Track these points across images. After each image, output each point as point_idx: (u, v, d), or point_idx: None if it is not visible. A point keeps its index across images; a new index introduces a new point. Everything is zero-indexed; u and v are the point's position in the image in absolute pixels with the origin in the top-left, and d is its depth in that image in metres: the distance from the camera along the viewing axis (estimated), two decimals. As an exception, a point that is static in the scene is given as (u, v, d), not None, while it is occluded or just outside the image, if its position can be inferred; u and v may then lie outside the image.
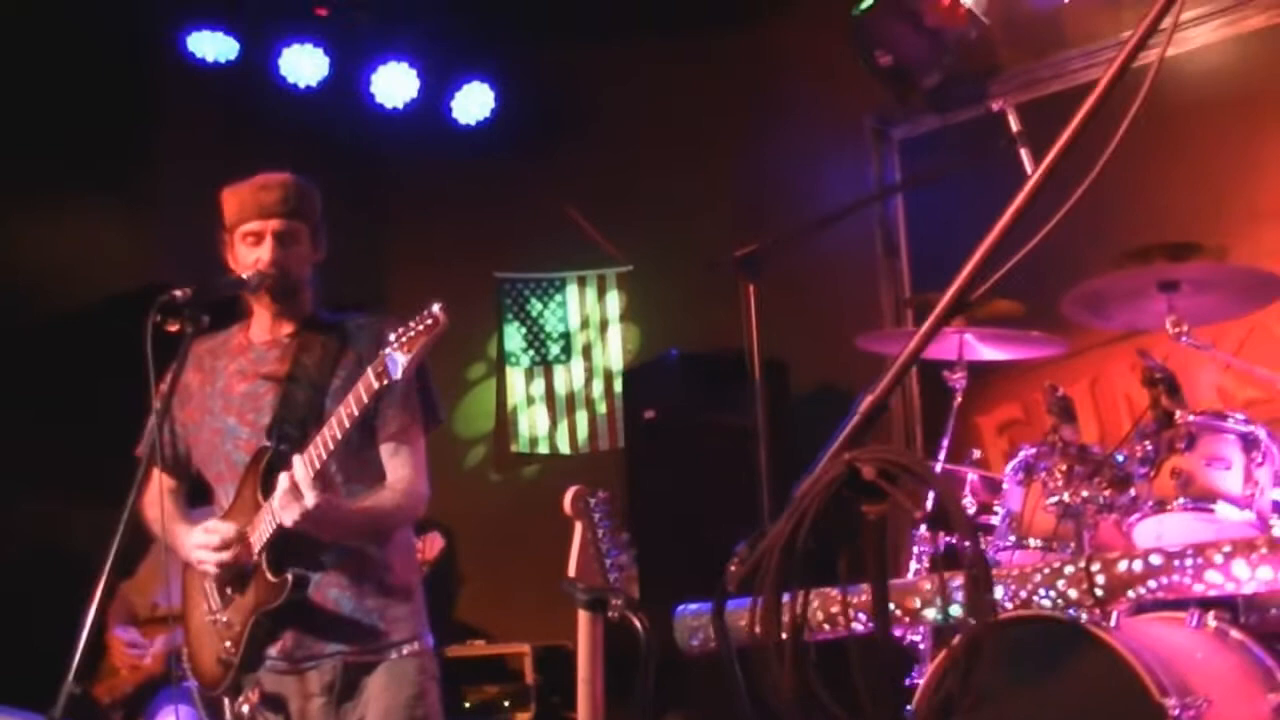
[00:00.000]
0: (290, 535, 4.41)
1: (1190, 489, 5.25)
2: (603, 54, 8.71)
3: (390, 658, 4.59)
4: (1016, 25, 7.84)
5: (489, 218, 9.14)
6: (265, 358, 4.75)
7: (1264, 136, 7.18)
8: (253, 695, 4.47)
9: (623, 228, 9.10)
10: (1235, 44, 7.30)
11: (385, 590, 4.63)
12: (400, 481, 4.64)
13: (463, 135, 9.01)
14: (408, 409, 4.65)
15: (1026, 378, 7.13)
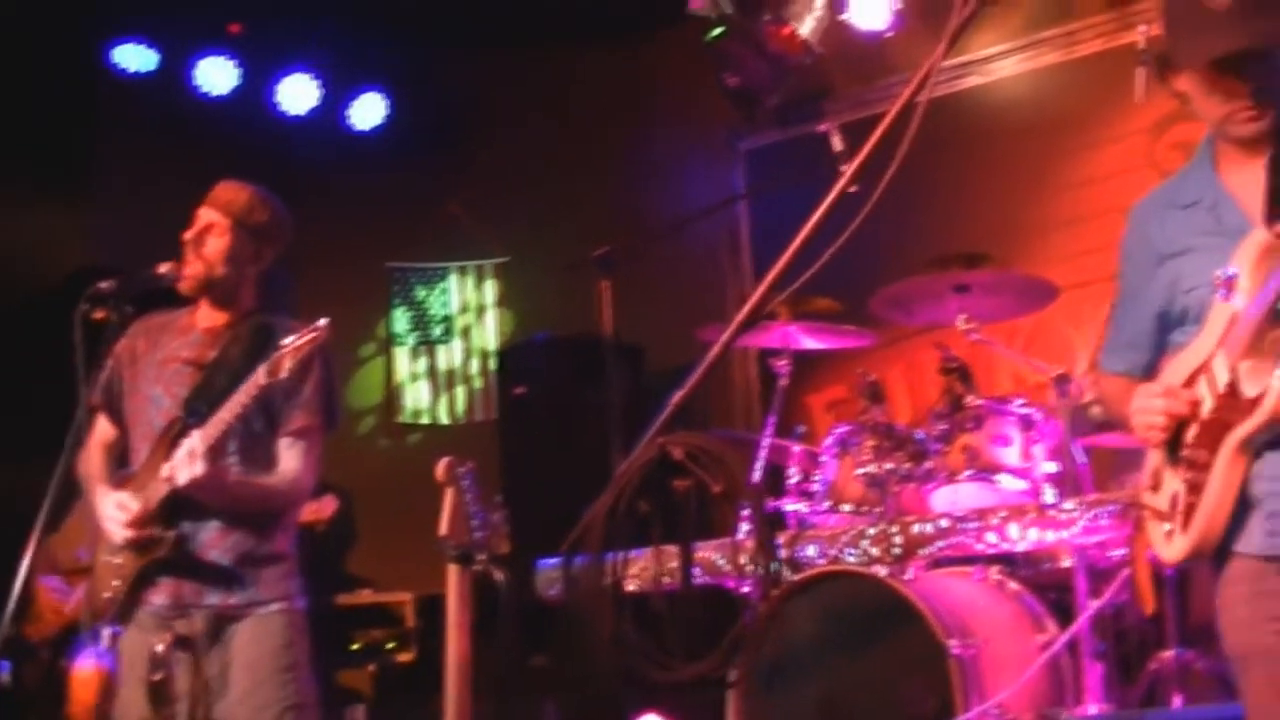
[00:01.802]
0: (183, 498, 4.51)
1: (977, 462, 5.51)
2: (487, 67, 8.80)
3: (258, 613, 4.63)
4: (847, 52, 7.99)
5: (381, 214, 9.23)
6: (199, 342, 4.81)
7: (1049, 159, 7.47)
8: (166, 638, 4.54)
9: (501, 224, 9.20)
10: (1030, 77, 7.57)
11: (261, 555, 4.68)
12: (288, 472, 4.71)
13: (359, 140, 9.09)
14: (309, 410, 4.72)
15: (850, 363, 7.19)
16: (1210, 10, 3.21)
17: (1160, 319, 3.48)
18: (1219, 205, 3.36)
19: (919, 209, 7.10)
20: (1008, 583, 5.44)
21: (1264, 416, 3.11)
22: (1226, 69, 3.24)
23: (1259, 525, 3.22)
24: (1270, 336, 3.13)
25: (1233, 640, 3.34)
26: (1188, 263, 3.38)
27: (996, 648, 5.05)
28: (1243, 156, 3.35)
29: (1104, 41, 7.37)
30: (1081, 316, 6.99)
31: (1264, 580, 3.24)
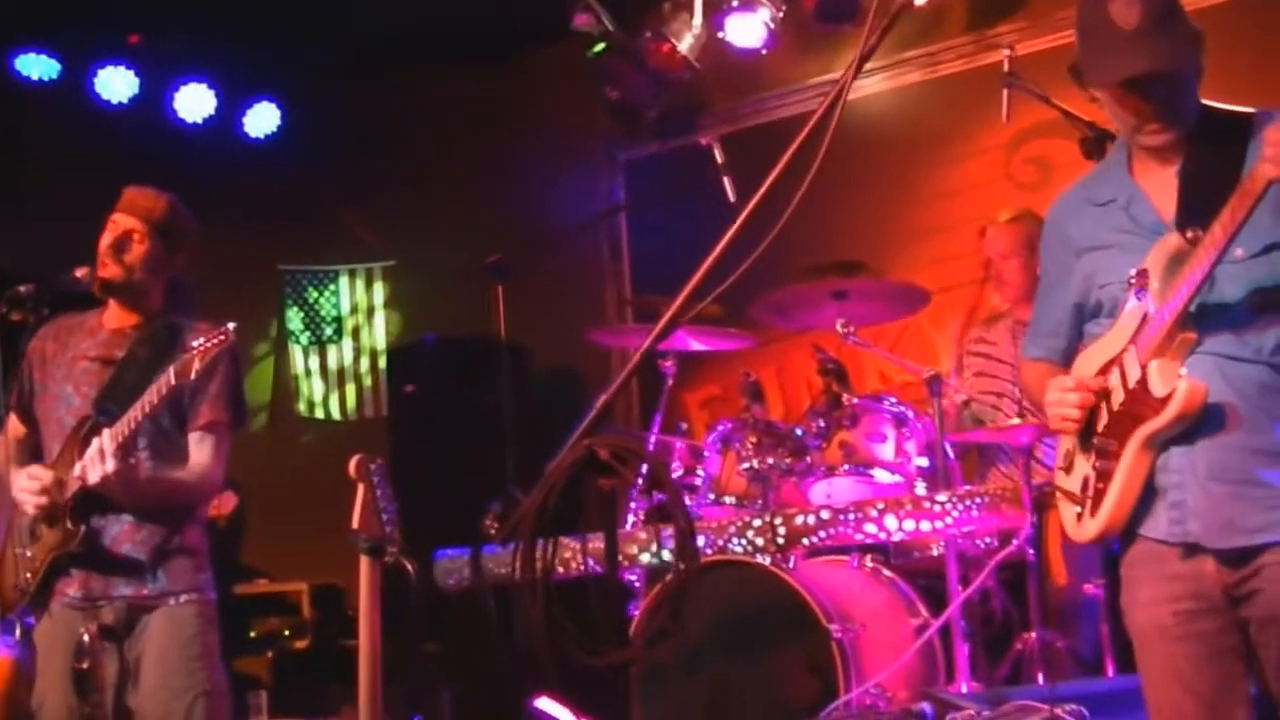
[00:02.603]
0: (96, 493, 4.53)
1: (854, 457, 5.59)
2: (379, 79, 8.76)
3: (169, 604, 4.64)
4: (723, 69, 8.03)
5: (275, 219, 9.17)
6: (107, 342, 4.82)
7: (915, 171, 7.61)
8: (92, 628, 4.55)
9: (389, 229, 9.20)
10: (895, 95, 7.66)
11: (172, 548, 4.68)
12: (198, 467, 4.72)
13: (253, 148, 9.04)
14: (217, 406, 4.73)
15: (725, 363, 7.35)
16: (1119, 30, 3.28)
17: (1077, 310, 3.57)
18: (1133, 204, 3.45)
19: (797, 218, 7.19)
20: (882, 570, 5.55)
21: (1170, 416, 3.23)
22: (1133, 88, 3.33)
23: (1164, 513, 3.32)
24: (1179, 338, 3.24)
25: (1134, 618, 3.45)
26: (1103, 258, 3.47)
27: (874, 631, 5.16)
28: (1154, 161, 3.44)
29: (964, 63, 7.51)
30: (944, 319, 7.14)
31: (1166, 564, 3.34)
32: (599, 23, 8.05)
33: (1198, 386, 3.21)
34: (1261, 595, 3.25)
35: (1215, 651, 3.32)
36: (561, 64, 8.37)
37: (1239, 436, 3.24)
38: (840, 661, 4.96)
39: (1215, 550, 3.27)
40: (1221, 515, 3.25)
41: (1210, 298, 3.27)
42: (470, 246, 8.11)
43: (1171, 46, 3.29)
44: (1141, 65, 3.28)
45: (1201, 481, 3.26)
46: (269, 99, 9.02)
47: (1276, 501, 3.23)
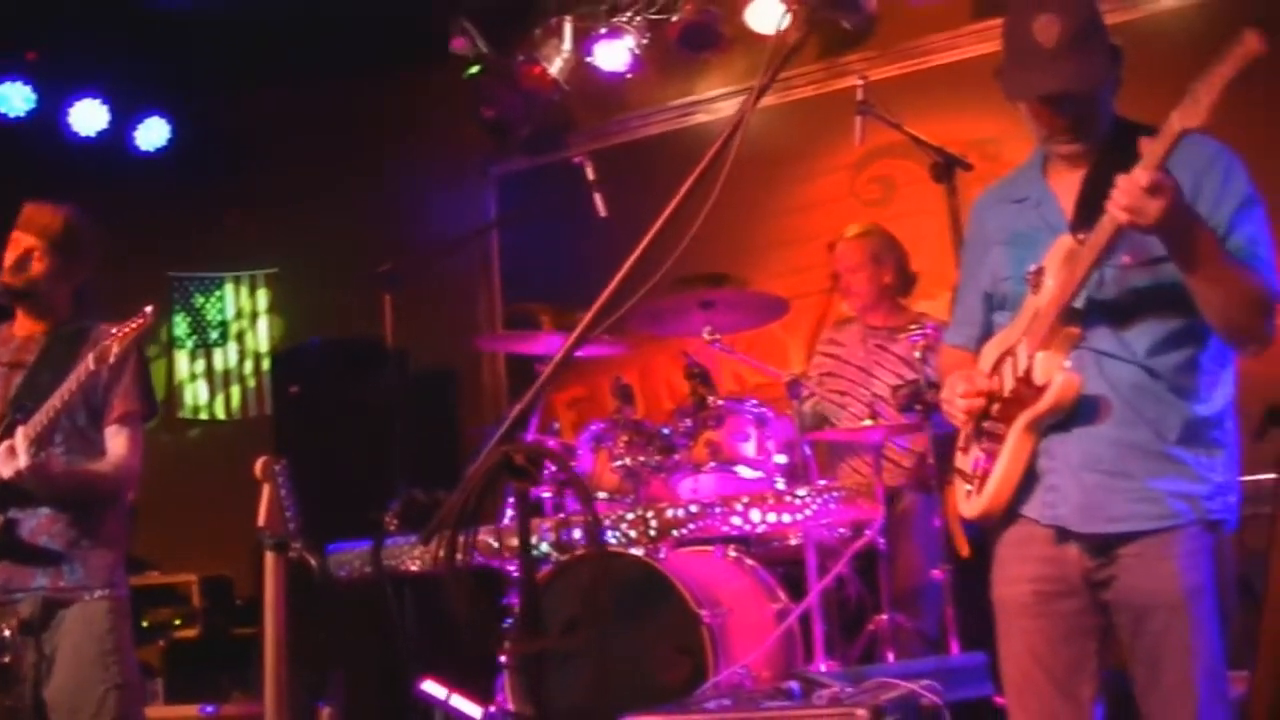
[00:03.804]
0: (13, 487, 4.47)
1: (719, 455, 5.63)
2: (266, 93, 8.70)
3: (85, 599, 4.59)
4: (591, 91, 8.14)
5: (164, 228, 9.06)
6: (20, 349, 4.77)
7: (770, 188, 7.71)
8: (12, 623, 4.50)
9: (273, 238, 9.16)
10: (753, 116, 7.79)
11: (90, 540, 4.63)
12: (115, 457, 4.67)
13: (144, 161, 8.97)
14: (130, 397, 4.68)
15: (592, 365, 7.36)
16: (1039, 46, 3.27)
17: (986, 300, 3.61)
18: (1043, 204, 3.48)
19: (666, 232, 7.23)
20: (744, 559, 5.59)
21: (1048, 404, 3.30)
22: (1048, 103, 3.35)
23: (1040, 496, 3.38)
24: (1063, 333, 3.30)
25: (999, 593, 3.51)
26: (1009, 253, 3.51)
27: (739, 616, 5.20)
28: (1066, 166, 3.46)
29: (815, 88, 7.62)
30: (796, 325, 7.23)
31: (1034, 544, 3.41)
32: (475, 46, 8.10)
33: (1073, 378, 3.28)
34: (1118, 582, 3.32)
35: (1070, 631, 3.38)
36: (440, 83, 8.42)
37: (1112, 430, 3.30)
38: (710, 644, 5.00)
39: (1080, 535, 3.34)
40: (1090, 502, 3.31)
41: (1098, 297, 3.32)
42: (350, 255, 8.10)
43: (1086, 66, 3.29)
44: (1055, 85, 3.30)
45: (1074, 469, 3.33)
46: (159, 113, 8.93)
47: (1143, 495, 3.29)
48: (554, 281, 7.56)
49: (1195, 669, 3.23)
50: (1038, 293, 3.37)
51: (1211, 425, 3.35)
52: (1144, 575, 3.28)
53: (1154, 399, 3.31)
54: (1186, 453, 3.31)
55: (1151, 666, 3.29)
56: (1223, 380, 3.40)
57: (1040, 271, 3.37)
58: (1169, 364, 3.32)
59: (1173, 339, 3.32)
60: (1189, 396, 3.33)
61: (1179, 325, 3.31)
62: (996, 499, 3.42)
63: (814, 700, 4.21)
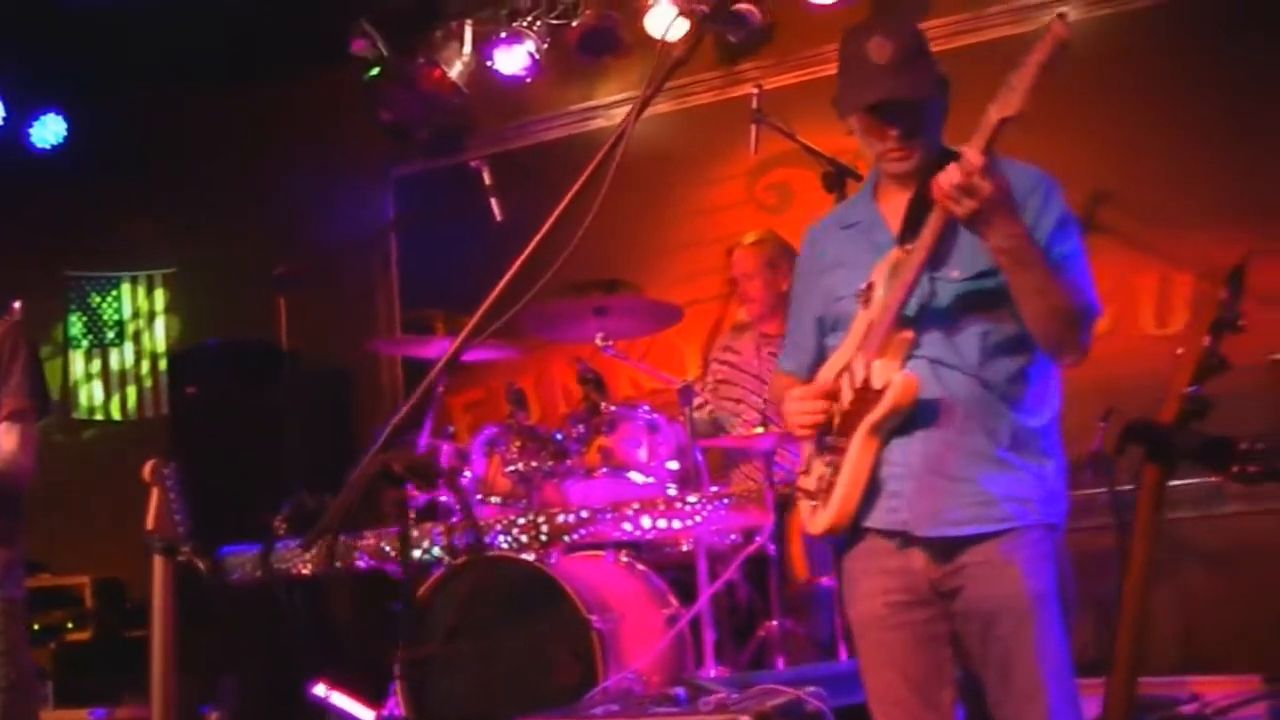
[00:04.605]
0: None
1: (611, 461, 5.62)
2: (165, 91, 8.58)
3: None
4: (491, 94, 8.10)
5: (60, 227, 8.96)
6: None
7: (668, 193, 7.74)
8: None
9: (172, 238, 9.07)
10: (649, 122, 7.43)
11: None
12: (6, 455, 4.61)
13: (40, 158, 8.85)
14: (20, 393, 4.61)
15: (487, 369, 7.36)
16: (872, 63, 3.37)
17: (819, 324, 3.66)
18: (873, 226, 3.56)
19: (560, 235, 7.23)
20: (635, 564, 5.60)
21: (888, 404, 3.34)
22: (879, 114, 3.43)
23: (884, 503, 3.42)
24: (897, 338, 3.36)
25: (853, 609, 3.56)
26: (841, 275, 3.57)
27: (630, 621, 5.20)
28: (897, 188, 3.54)
29: (714, 95, 7.65)
30: (692, 331, 7.25)
31: (883, 557, 3.45)
32: (375, 48, 8.06)
33: (911, 378, 3.34)
34: (964, 592, 3.38)
35: (924, 639, 3.44)
36: (340, 85, 8.36)
37: (951, 435, 3.37)
38: (600, 649, 5.00)
39: (923, 539, 3.39)
40: (931, 505, 3.37)
41: (931, 306, 3.41)
42: (248, 256, 8.03)
43: (916, 78, 3.41)
44: (888, 91, 3.39)
45: (916, 473, 3.38)
46: (55, 110, 8.83)
47: (981, 499, 3.36)
48: (452, 285, 7.49)
49: (1044, 671, 3.30)
50: (869, 307, 3.45)
51: (1039, 435, 3.45)
52: (989, 582, 3.34)
53: (987, 407, 3.39)
54: (1018, 459, 3.40)
55: (1002, 672, 3.36)
56: (1049, 393, 3.50)
57: (870, 286, 3.45)
58: (999, 374, 3.41)
59: (1002, 350, 3.41)
60: (1018, 407, 3.42)
61: (1008, 337, 3.40)
62: (843, 509, 3.45)
63: (700, 706, 4.23)
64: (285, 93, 8.51)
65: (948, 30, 7.16)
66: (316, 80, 8.48)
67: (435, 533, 5.63)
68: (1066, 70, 6.76)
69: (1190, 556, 6.27)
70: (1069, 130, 6.72)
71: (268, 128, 8.61)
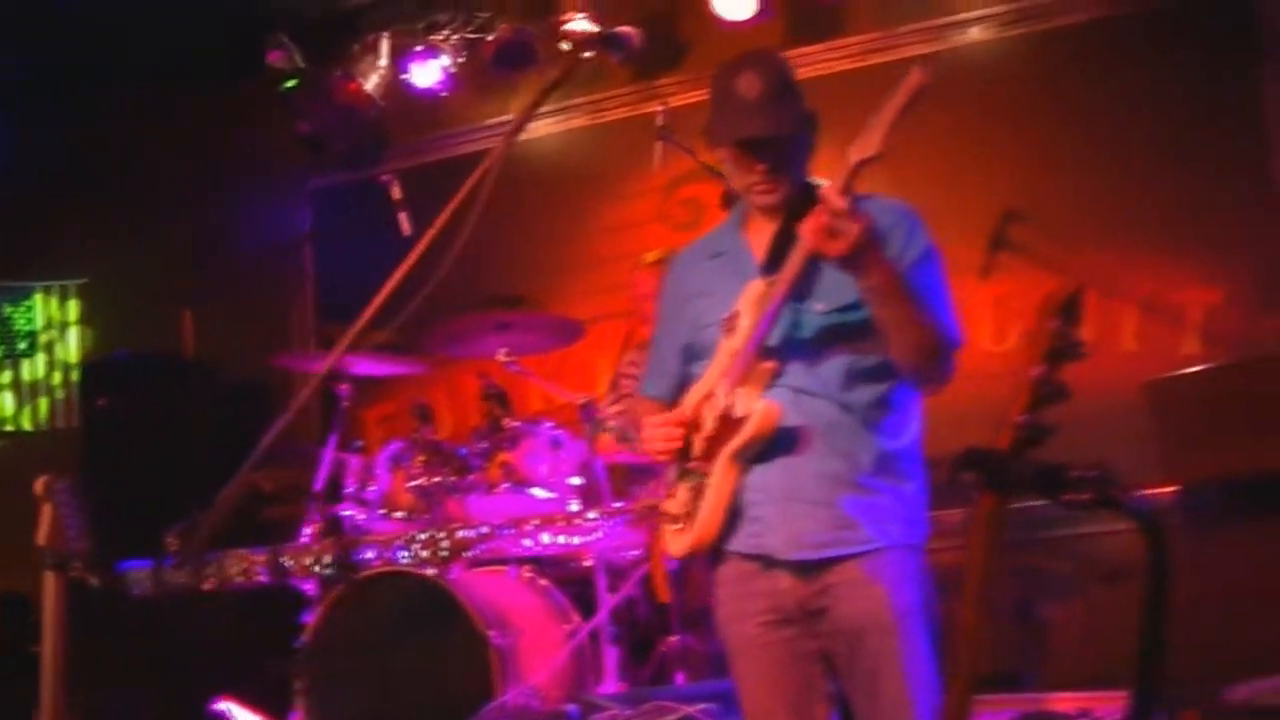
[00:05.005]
0: None
1: (513, 476, 5.64)
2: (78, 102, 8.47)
3: None
4: (407, 107, 8.07)
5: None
6: None
7: (581, 208, 7.75)
8: None
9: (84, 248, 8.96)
10: (564, 137, 7.81)
11: None
12: None
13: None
14: None
15: (402, 383, 7.33)
16: (743, 99, 3.45)
17: (684, 352, 3.71)
18: (739, 257, 3.62)
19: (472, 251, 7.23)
20: (538, 580, 5.62)
21: (749, 433, 3.40)
22: (748, 149, 3.49)
23: (746, 528, 3.48)
24: (759, 368, 3.43)
25: (724, 632, 3.61)
26: (706, 304, 3.62)
27: (530, 637, 5.23)
28: (764, 220, 3.60)
29: (628, 110, 7.66)
30: (604, 345, 7.26)
31: (750, 580, 3.51)
32: (291, 60, 8.02)
33: (773, 407, 3.40)
34: (832, 611, 3.44)
35: (795, 656, 3.49)
36: (256, 95, 8.26)
37: (812, 460, 3.43)
38: (498, 666, 5.01)
39: (786, 562, 3.45)
40: (793, 530, 3.43)
41: (795, 336, 3.47)
42: (162, 267, 7.97)
43: (784, 115, 3.48)
44: (757, 128, 3.46)
45: (777, 499, 3.44)
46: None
47: (842, 522, 3.42)
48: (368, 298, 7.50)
49: (911, 687, 3.37)
50: (732, 336, 3.50)
51: (899, 458, 3.52)
52: (855, 601, 3.40)
53: (848, 433, 3.46)
54: (881, 482, 3.46)
55: (869, 688, 3.41)
56: (911, 417, 3.57)
57: (735, 315, 3.50)
58: (861, 400, 3.48)
59: (865, 376, 3.48)
60: (880, 431, 3.49)
61: (871, 364, 3.47)
62: (705, 533, 3.50)
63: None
64: (201, 102, 8.43)
65: (861, 48, 7.24)
66: (233, 91, 8.40)
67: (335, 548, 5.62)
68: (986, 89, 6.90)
69: (1094, 572, 6.32)
70: (984, 147, 6.82)
71: (183, 138, 8.54)
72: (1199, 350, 6.35)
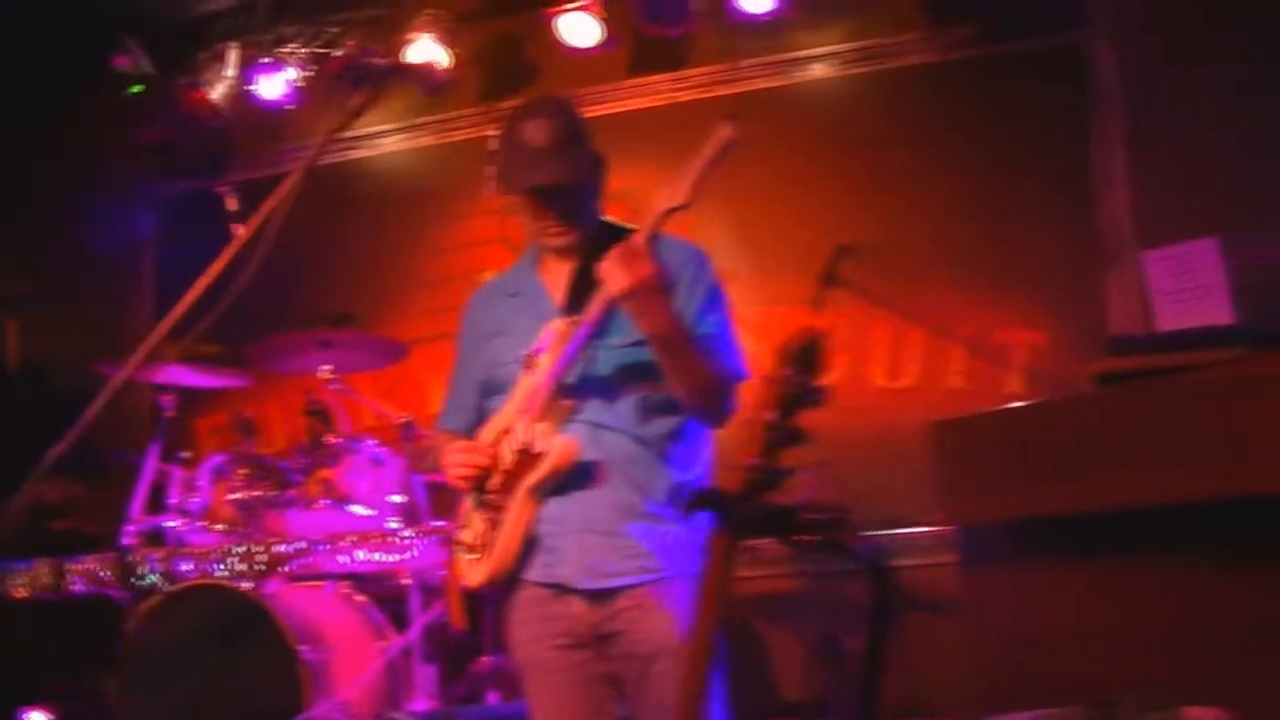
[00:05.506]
0: None
1: (332, 493, 5.68)
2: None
3: None
4: (253, 118, 8.03)
5: None
6: None
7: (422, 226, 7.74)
8: None
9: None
10: (410, 155, 7.85)
11: None
12: None
13: None
14: None
15: (237, 395, 7.29)
16: (530, 146, 3.57)
17: (482, 387, 3.82)
18: (537, 297, 3.74)
19: (310, 265, 7.28)
20: (355, 596, 5.64)
21: (547, 468, 3.52)
22: (538, 196, 3.62)
23: (541, 558, 3.60)
24: (557, 406, 3.54)
25: (518, 654, 3.72)
26: (504, 342, 3.74)
27: (344, 653, 5.26)
28: (558, 260, 3.73)
29: (472, 131, 7.66)
30: (439, 364, 7.28)
31: (545, 605, 3.62)
32: (138, 65, 7.95)
33: (570, 443, 3.53)
34: (621, 636, 3.56)
35: (587, 679, 3.61)
36: (100, 100, 8.15)
37: (607, 493, 3.56)
38: (309, 681, 5.04)
39: (580, 590, 3.57)
40: (587, 561, 3.55)
41: (591, 373, 3.59)
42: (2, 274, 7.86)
43: (572, 164, 3.61)
44: (545, 178, 3.58)
45: (573, 531, 3.56)
46: None
47: (633, 551, 3.55)
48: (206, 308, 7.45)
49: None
50: (533, 373, 3.61)
51: (689, 489, 3.63)
52: (645, 626, 3.53)
53: (643, 465, 3.59)
54: (670, 512, 3.59)
55: (657, 712, 3.52)
56: (701, 448, 3.71)
57: (536, 353, 3.62)
58: (655, 432, 3.62)
59: (659, 410, 3.62)
60: (672, 462, 3.63)
61: (664, 397, 3.59)
62: (500, 564, 3.61)
63: (390, 740, 4.31)
64: (42, 105, 8.30)
65: (705, 80, 7.33)
66: (75, 94, 8.29)
67: (153, 559, 5.62)
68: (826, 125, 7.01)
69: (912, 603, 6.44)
70: (822, 183, 6.94)
71: (22, 141, 8.41)
72: (1022, 390, 6.48)
